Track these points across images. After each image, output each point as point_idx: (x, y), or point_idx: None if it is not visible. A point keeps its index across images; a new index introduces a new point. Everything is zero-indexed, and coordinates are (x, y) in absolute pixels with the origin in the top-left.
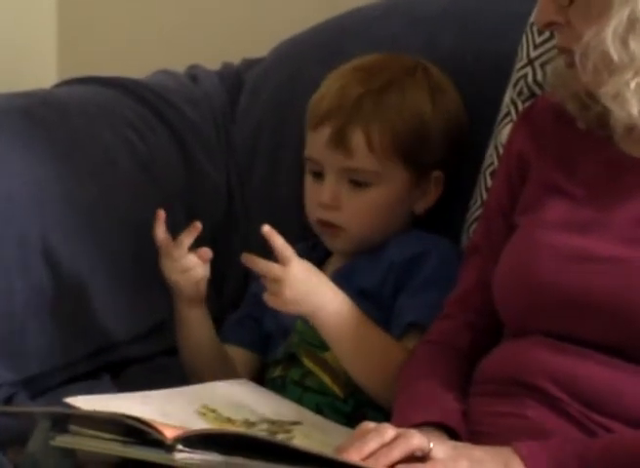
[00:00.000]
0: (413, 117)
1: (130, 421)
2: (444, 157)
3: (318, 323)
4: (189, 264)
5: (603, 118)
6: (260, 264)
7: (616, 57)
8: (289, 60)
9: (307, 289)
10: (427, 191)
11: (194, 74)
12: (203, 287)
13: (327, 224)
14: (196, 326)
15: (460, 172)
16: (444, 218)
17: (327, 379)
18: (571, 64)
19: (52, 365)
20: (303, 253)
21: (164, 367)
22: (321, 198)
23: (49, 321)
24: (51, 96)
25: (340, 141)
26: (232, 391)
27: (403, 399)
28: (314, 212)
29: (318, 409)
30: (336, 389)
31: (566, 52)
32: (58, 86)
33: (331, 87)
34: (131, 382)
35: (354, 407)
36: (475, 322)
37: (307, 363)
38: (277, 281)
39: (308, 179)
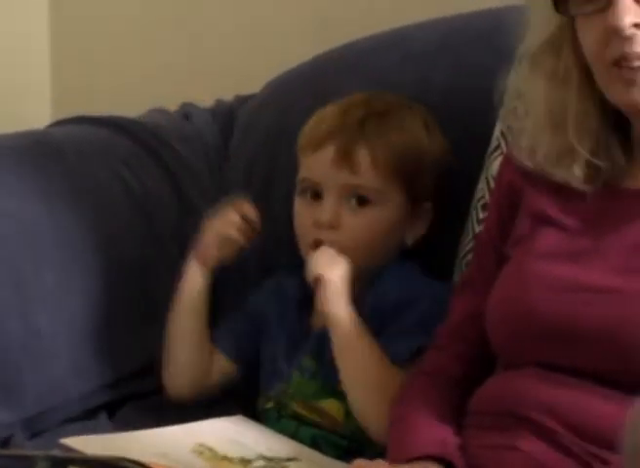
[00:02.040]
0: (412, 142)
1: (128, 464)
2: (434, 189)
3: (338, 328)
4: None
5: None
6: None
7: None
8: (281, 96)
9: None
10: (418, 221)
11: (187, 112)
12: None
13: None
14: (202, 290)
15: (452, 205)
16: (436, 252)
17: (326, 425)
18: None
19: (48, 405)
20: (296, 287)
21: (160, 405)
22: (321, 217)
23: (45, 361)
24: (45, 136)
25: (345, 158)
26: (228, 428)
27: (397, 433)
28: (309, 233)
29: (314, 443)
30: (334, 430)
31: None
32: (52, 126)
33: (327, 113)
34: (127, 421)
35: (351, 438)
36: (467, 353)
37: (303, 411)
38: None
39: (300, 202)
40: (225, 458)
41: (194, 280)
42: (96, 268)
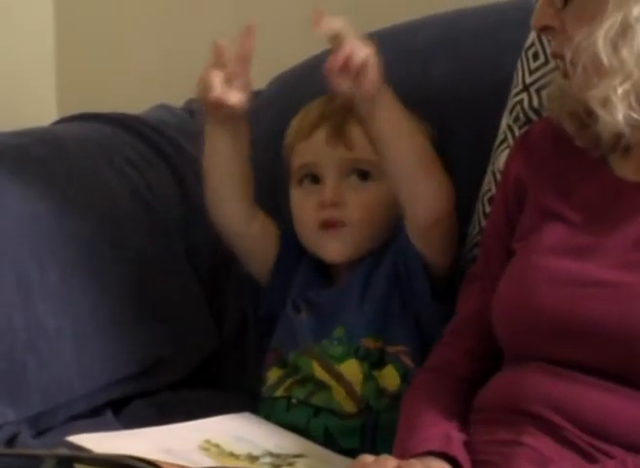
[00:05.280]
0: None
1: (134, 462)
2: None
3: (385, 110)
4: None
5: (600, 137)
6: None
7: (606, 60)
8: (285, 92)
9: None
10: None
11: (192, 108)
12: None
13: (330, 224)
14: (226, 150)
15: (458, 198)
16: None
17: (342, 391)
18: (565, 73)
19: (54, 402)
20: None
21: (166, 402)
22: (324, 197)
23: (50, 359)
24: (49, 133)
25: (339, 135)
26: (235, 425)
27: (404, 429)
28: (313, 216)
29: (327, 434)
30: (348, 403)
31: (559, 58)
32: (56, 123)
33: (309, 108)
34: (133, 418)
35: (364, 420)
36: (475, 349)
37: (321, 374)
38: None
39: (300, 192)
40: (232, 455)
41: (216, 142)
42: (100, 266)
